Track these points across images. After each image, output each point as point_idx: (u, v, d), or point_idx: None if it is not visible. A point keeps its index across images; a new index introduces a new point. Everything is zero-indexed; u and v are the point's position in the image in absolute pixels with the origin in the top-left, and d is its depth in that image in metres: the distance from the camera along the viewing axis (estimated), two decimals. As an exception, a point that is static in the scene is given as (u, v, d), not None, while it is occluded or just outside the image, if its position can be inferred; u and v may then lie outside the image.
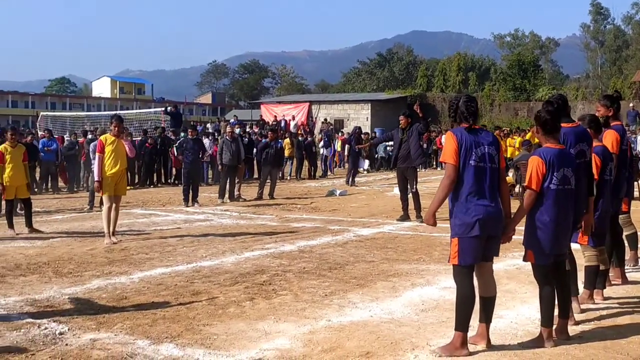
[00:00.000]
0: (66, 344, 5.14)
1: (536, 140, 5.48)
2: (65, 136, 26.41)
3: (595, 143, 6.07)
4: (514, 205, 5.10)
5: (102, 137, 10.68)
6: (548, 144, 5.06)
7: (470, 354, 4.78)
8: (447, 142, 4.90)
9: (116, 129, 10.44)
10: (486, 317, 4.94)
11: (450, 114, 5.03)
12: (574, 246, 5.71)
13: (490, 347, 4.91)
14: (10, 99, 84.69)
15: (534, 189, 4.97)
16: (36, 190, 19.49)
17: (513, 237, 5.04)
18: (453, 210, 4.86)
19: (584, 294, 6.19)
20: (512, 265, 7.88)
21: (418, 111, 12.53)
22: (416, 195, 12.35)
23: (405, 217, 12.36)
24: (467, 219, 4.74)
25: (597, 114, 6.66)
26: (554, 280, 5.09)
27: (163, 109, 30.31)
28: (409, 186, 12.43)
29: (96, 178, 10.38)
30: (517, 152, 22.40)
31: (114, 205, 10.30)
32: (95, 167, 10.50)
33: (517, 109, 43.06)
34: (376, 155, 30.59)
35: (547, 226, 4.95)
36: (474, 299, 4.85)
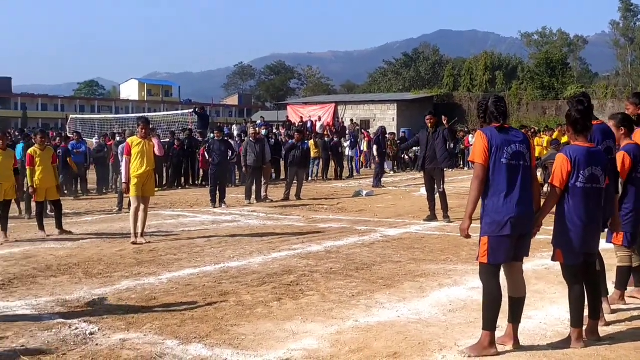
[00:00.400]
0: (96, 344, 5.21)
1: (565, 138, 5.43)
2: (94, 139, 26.73)
3: (626, 141, 5.99)
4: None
5: (129, 140, 10.83)
6: (577, 142, 5.01)
7: (499, 353, 4.76)
8: (477, 141, 4.85)
9: (143, 131, 10.56)
10: (514, 317, 4.91)
11: (480, 114, 5.01)
12: (603, 246, 5.64)
13: (518, 347, 4.88)
14: (40, 102, 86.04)
15: (557, 186, 4.94)
16: (66, 192, 19.77)
17: (541, 236, 5.00)
18: (484, 208, 4.83)
19: (614, 294, 6.11)
20: (540, 266, 7.81)
21: (444, 122, 12.78)
22: (443, 196, 12.25)
23: (432, 217, 12.31)
24: (499, 217, 4.71)
25: (626, 112, 6.56)
26: (584, 281, 5.03)
27: (191, 110, 30.55)
28: (435, 186, 12.33)
29: (124, 180, 10.54)
30: (545, 152, 22.19)
31: (142, 206, 10.42)
32: (123, 169, 10.63)
33: (545, 107, 42.63)
34: (402, 156, 30.48)
35: (576, 225, 4.90)
36: (501, 298, 4.82)
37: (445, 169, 12.89)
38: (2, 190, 10.67)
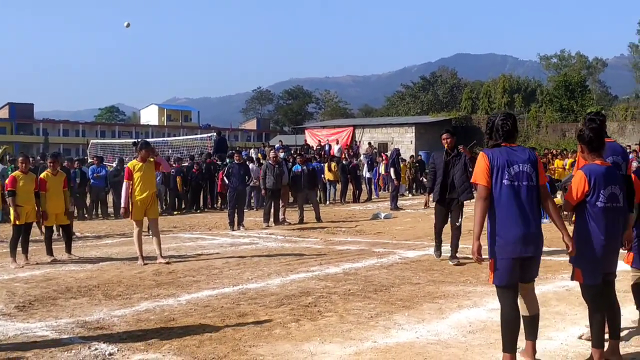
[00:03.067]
0: (115, 364, 5.22)
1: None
2: (114, 163, 26.98)
3: None
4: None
5: (129, 164, 10.95)
6: (595, 161, 4.98)
7: None
8: (478, 162, 4.81)
9: (145, 153, 10.73)
10: (530, 334, 4.89)
11: (486, 131, 4.98)
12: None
13: None
14: (61, 127, 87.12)
15: (570, 203, 4.94)
16: (86, 215, 19.93)
17: (560, 258, 4.95)
18: (488, 230, 4.80)
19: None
20: (561, 287, 7.73)
21: (461, 149, 10.64)
22: (458, 232, 10.23)
23: (436, 249, 10.43)
24: (501, 240, 4.68)
25: None
26: (603, 300, 4.98)
27: (211, 134, 30.93)
28: (450, 221, 10.33)
29: (122, 204, 10.66)
30: (565, 173, 22.04)
31: (153, 229, 10.73)
32: (123, 194, 10.71)
33: (565, 130, 42.40)
34: (421, 178, 30.40)
35: (596, 245, 4.86)
36: (516, 319, 4.76)
37: (462, 204, 10.32)
38: (23, 213, 10.77)
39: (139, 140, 11.84)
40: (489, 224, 4.79)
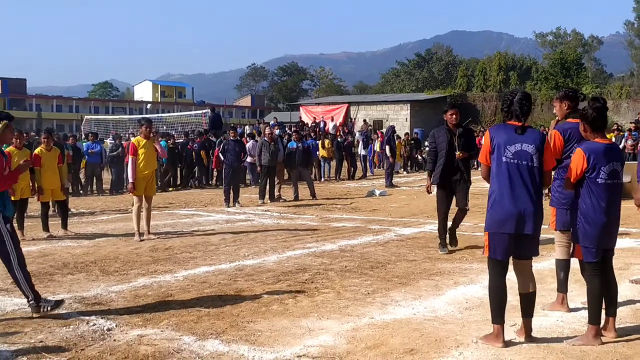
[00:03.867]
0: (114, 340, 5.24)
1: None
2: (108, 139, 26.90)
3: None
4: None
5: (134, 140, 10.94)
6: (596, 139, 5.01)
7: (507, 346, 4.84)
8: (484, 140, 4.98)
9: (147, 130, 10.79)
10: (526, 312, 4.97)
11: (504, 108, 5.02)
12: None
13: (530, 339, 4.94)
14: (54, 103, 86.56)
15: (570, 180, 5.00)
16: (81, 192, 19.91)
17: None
18: (488, 204, 4.91)
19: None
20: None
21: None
22: (463, 214, 9.31)
23: (444, 245, 9.10)
24: (496, 215, 4.80)
25: None
26: (602, 277, 5.02)
27: (205, 110, 30.83)
28: (457, 204, 9.18)
29: (131, 180, 10.65)
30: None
31: (145, 205, 10.75)
32: (129, 169, 10.71)
33: (560, 108, 42.33)
34: (416, 155, 30.43)
35: (597, 222, 4.90)
36: (502, 292, 4.89)
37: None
38: (18, 189, 10.73)
39: (143, 117, 11.88)
40: (489, 198, 4.90)
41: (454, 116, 8.97)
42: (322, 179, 24.03)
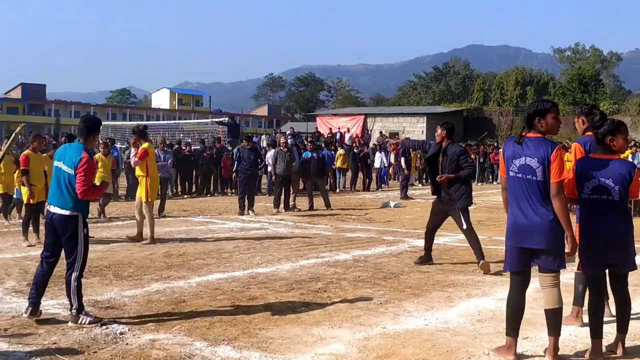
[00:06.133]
0: (126, 344, 5.27)
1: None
2: (119, 144, 27.07)
3: None
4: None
5: (145, 146, 11.01)
6: (595, 154, 5.07)
7: (518, 358, 4.83)
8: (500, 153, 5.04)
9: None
10: (551, 329, 4.83)
11: (524, 119, 5.05)
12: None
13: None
14: (73, 109, 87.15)
15: (567, 195, 4.92)
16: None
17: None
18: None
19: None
20: (570, 279, 7.70)
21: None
22: (468, 235, 8.78)
23: (426, 259, 9.01)
24: (509, 228, 4.89)
25: None
26: (603, 291, 5.03)
27: (222, 119, 30.97)
28: (461, 224, 8.74)
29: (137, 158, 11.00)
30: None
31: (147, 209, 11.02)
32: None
33: (577, 123, 42.13)
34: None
35: (588, 236, 4.93)
36: (519, 304, 4.87)
37: (463, 208, 8.74)
38: (35, 191, 10.83)
39: (141, 124, 12.13)
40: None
41: (438, 134, 8.88)
42: (337, 190, 24.03)
